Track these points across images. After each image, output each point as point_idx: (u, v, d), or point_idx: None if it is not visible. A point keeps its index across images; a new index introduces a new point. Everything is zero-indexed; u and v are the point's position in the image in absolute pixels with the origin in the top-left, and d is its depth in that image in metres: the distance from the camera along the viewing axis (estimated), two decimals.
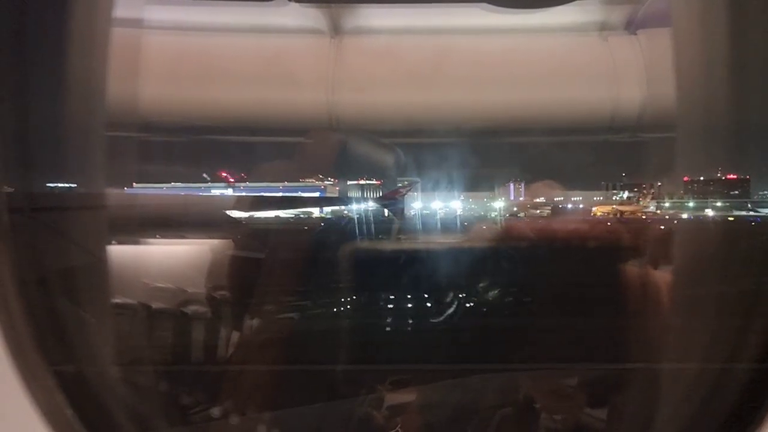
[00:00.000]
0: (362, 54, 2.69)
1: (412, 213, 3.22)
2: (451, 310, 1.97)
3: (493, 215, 3.47)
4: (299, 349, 2.09)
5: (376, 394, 1.98)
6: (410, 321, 2.10)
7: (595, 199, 3.44)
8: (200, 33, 2.62)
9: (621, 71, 2.54)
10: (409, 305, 2.09)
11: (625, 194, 3.31)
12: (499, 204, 3.48)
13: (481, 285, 1.99)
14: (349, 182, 3.38)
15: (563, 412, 1.84)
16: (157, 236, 2.55)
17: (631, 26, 2.63)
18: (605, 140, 2.63)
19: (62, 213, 1.53)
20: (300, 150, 2.70)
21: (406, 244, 2.59)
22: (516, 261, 1.92)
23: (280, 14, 2.57)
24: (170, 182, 3.20)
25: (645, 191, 3.32)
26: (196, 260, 2.46)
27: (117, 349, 1.59)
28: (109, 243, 1.72)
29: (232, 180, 3.30)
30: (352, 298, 2.19)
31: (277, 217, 3.24)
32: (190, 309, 2.31)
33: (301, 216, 3.44)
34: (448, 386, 1.94)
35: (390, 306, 2.10)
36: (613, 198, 3.35)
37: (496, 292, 1.99)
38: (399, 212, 3.10)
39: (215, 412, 1.87)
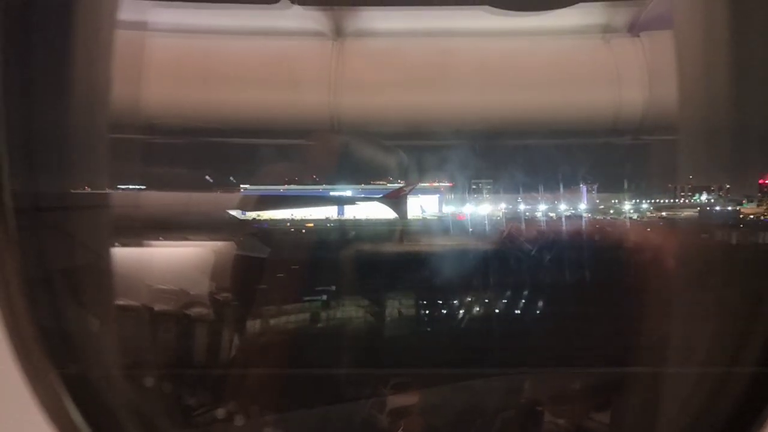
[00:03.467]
0: (364, 56, 2.69)
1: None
2: None
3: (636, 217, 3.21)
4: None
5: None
6: None
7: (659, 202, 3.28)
8: (203, 36, 2.63)
9: (624, 73, 2.54)
10: None
11: (704, 196, 3.15)
12: (627, 205, 3.25)
13: None
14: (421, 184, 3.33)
15: None
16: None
17: (634, 29, 2.63)
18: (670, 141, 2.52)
19: (68, 214, 1.53)
20: (303, 152, 2.70)
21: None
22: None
23: (283, 17, 2.58)
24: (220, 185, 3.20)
25: (721, 193, 3.18)
26: None
27: (122, 351, 1.59)
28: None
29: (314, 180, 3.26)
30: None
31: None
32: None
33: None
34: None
35: None
36: (690, 200, 3.18)
37: None
38: (402, 212, 3.09)
39: (219, 413, 1.87)
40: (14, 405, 1.10)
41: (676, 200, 3.07)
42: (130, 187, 2.60)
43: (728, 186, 2.94)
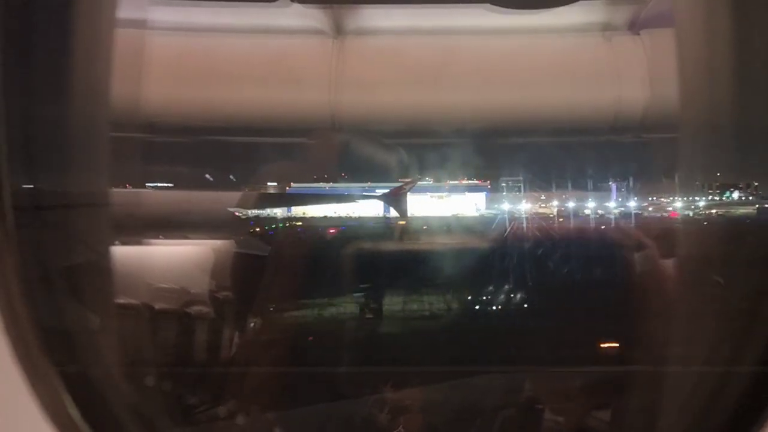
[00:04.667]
0: (365, 55, 2.69)
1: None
2: None
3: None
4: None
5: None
6: None
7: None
8: (203, 34, 2.63)
9: (624, 71, 2.54)
10: None
11: (735, 194, 3.09)
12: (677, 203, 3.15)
13: None
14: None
15: None
16: None
17: (635, 27, 2.63)
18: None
19: (68, 212, 1.53)
20: (304, 150, 2.70)
21: None
22: None
23: (283, 15, 2.57)
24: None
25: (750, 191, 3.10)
26: None
27: (122, 349, 1.59)
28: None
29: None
30: None
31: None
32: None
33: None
34: None
35: None
36: (723, 198, 3.10)
37: None
38: (402, 210, 3.09)
39: (220, 411, 1.87)
40: (13, 404, 1.10)
41: (712, 198, 3.00)
42: (159, 185, 2.67)
43: (756, 184, 2.91)
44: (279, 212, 3.22)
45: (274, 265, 2.40)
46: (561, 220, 3.20)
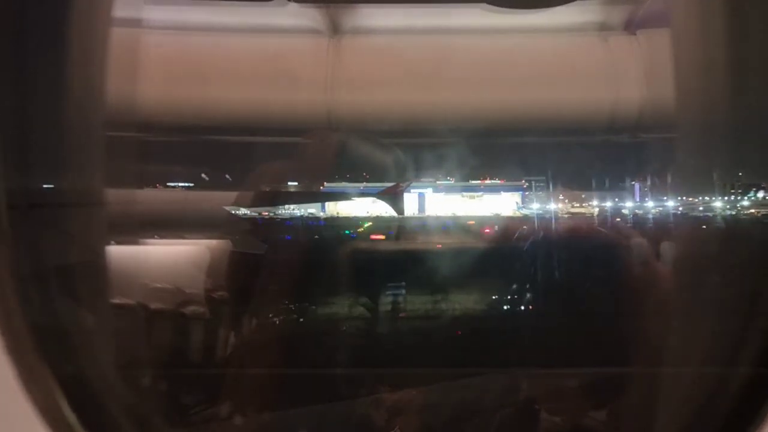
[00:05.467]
0: (361, 54, 2.68)
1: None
2: None
3: None
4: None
5: None
6: None
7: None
8: (198, 33, 2.62)
9: (621, 71, 2.54)
10: None
11: (761, 194, 3.00)
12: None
13: None
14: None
15: None
16: None
17: (631, 27, 2.63)
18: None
19: (62, 211, 1.52)
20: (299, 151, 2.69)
21: None
22: None
23: (279, 14, 2.57)
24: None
25: None
26: None
27: (117, 350, 1.58)
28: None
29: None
30: None
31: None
32: None
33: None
34: None
35: None
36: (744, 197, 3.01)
37: None
38: (399, 209, 3.07)
39: (215, 412, 1.86)
40: (7, 405, 1.09)
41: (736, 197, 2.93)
42: (180, 185, 2.76)
43: None
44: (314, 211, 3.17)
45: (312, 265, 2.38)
46: (603, 219, 3.13)
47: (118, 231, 1.85)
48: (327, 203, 3.14)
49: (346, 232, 3.16)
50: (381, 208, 3.07)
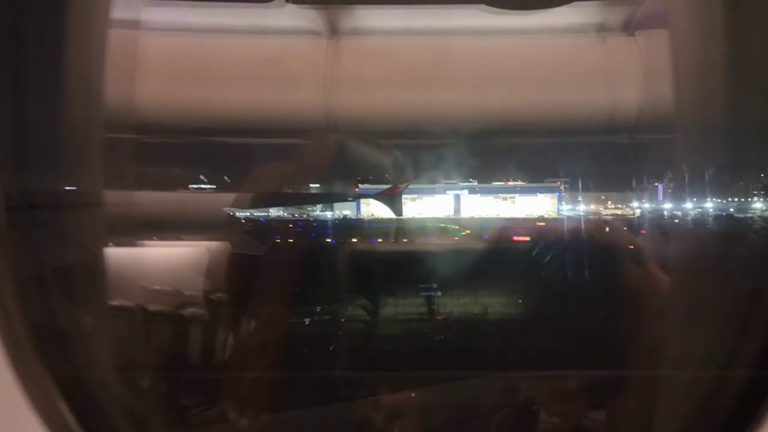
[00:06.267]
0: (360, 55, 2.69)
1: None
2: None
3: None
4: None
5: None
6: None
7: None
8: (197, 34, 2.61)
9: (619, 72, 2.55)
10: None
11: None
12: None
13: None
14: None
15: None
16: None
17: (629, 27, 2.63)
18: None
19: (61, 212, 1.52)
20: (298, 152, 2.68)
21: None
22: None
23: (277, 15, 2.57)
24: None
25: None
26: None
27: (116, 351, 1.58)
28: None
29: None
30: None
31: None
32: None
33: None
34: None
35: None
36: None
37: None
38: (398, 210, 3.06)
39: (213, 414, 1.85)
40: (6, 406, 1.09)
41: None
42: (203, 187, 2.77)
43: None
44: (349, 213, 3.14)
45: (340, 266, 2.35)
46: (643, 221, 3.09)
47: (121, 232, 1.85)
48: (362, 205, 3.12)
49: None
50: (413, 210, 3.05)
